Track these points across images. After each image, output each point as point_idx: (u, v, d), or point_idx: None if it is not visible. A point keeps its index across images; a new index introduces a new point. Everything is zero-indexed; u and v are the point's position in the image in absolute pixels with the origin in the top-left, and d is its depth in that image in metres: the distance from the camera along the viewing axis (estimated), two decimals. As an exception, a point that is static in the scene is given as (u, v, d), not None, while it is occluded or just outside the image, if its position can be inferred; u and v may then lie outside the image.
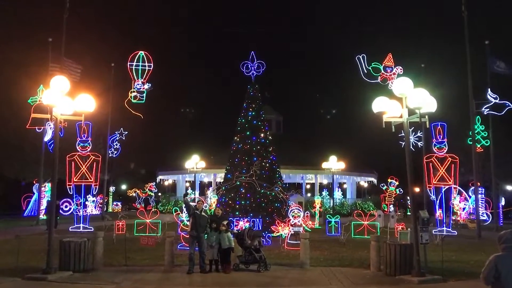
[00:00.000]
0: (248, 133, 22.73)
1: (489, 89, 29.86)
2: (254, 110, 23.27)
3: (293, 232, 16.98)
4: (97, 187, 24.54)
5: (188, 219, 14.09)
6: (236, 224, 17.54)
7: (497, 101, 29.28)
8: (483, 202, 33.11)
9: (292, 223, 17.47)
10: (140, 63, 22.19)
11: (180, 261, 13.31)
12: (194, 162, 31.01)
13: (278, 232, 17.45)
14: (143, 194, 44.27)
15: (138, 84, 21.81)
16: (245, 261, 12.67)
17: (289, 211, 18.59)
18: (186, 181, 51.10)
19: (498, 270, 5.26)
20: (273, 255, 14.84)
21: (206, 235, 12.39)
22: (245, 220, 18.24)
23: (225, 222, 12.57)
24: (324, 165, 32.97)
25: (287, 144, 41.68)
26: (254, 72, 23.08)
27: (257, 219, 19.23)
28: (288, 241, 16.64)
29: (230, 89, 69.91)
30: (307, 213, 23.14)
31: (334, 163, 32.05)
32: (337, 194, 41.70)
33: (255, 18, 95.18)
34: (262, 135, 22.95)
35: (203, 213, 12.59)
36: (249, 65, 23.05)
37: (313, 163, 38.85)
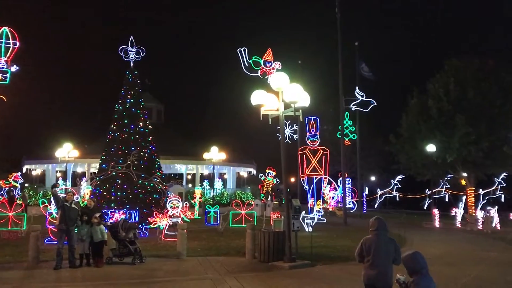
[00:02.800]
0: (126, 121, 21.83)
1: (357, 87, 32.57)
2: (132, 97, 22.38)
3: (171, 223, 16.77)
4: None
5: (56, 211, 13.13)
6: (111, 216, 16.82)
7: (363, 98, 32.09)
8: (350, 191, 36.11)
9: (171, 214, 17.24)
10: (4, 40, 19.93)
11: (47, 256, 12.41)
12: (66, 150, 28.84)
13: (155, 223, 17.10)
14: (6, 185, 40.18)
15: (1, 63, 19.59)
16: (119, 254, 12.25)
17: (168, 202, 18.30)
18: (57, 171, 47.60)
19: (363, 248, 6.27)
20: (149, 247, 14.55)
21: (76, 229, 11.70)
22: (121, 212, 17.59)
23: (97, 215, 12.00)
24: (205, 155, 33.01)
25: (168, 134, 40.95)
26: (134, 57, 22.13)
27: (134, 211, 18.68)
28: (165, 232, 16.41)
29: (108, 75, 66.71)
30: (186, 203, 23.00)
31: (215, 154, 32.25)
32: (218, 184, 42.05)
33: (137, 4, 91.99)
34: (141, 123, 22.22)
35: (73, 205, 11.83)
36: (128, 50, 22.04)
37: (194, 153, 38.64)
